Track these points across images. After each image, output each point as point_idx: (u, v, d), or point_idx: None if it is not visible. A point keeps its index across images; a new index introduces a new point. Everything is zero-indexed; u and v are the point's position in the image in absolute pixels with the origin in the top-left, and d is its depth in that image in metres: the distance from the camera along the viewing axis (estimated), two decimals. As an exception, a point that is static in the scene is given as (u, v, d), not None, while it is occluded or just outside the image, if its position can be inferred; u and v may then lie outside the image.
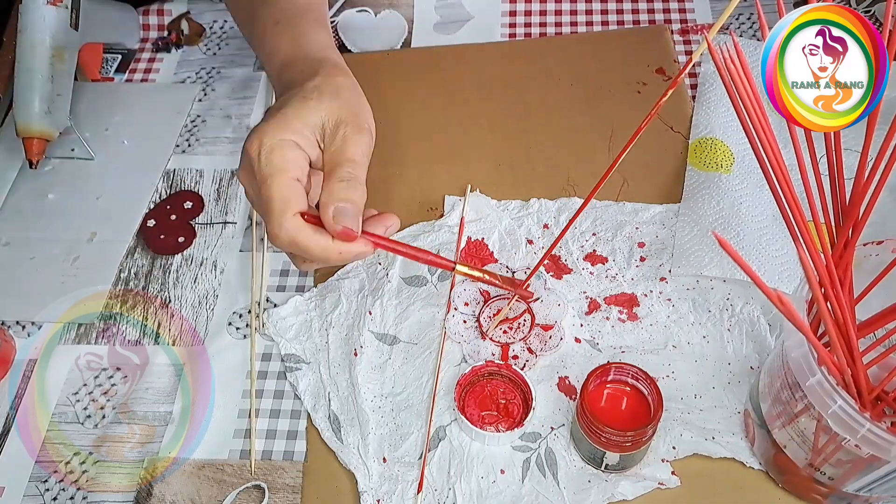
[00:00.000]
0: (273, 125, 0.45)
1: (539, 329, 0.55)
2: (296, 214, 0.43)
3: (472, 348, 0.55)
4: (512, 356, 0.55)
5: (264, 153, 0.44)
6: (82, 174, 0.70)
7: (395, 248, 0.47)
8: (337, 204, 0.43)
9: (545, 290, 0.57)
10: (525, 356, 0.54)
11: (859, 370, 0.39)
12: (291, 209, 0.43)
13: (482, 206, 0.63)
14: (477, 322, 0.56)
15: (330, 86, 0.48)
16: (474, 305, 0.57)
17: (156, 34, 0.81)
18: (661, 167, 0.64)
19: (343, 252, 0.44)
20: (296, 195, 0.43)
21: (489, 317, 0.56)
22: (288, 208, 0.43)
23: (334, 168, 0.45)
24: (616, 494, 0.48)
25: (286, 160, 0.44)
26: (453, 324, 0.56)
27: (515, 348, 0.55)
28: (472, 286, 0.58)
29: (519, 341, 0.55)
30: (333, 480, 0.51)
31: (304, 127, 0.45)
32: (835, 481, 0.44)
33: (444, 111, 0.71)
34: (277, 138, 0.44)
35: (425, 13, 0.79)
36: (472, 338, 0.56)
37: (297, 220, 0.43)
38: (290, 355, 0.57)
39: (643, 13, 0.77)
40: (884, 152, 0.39)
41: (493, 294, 0.57)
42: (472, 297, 0.58)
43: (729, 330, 0.55)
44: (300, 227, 0.43)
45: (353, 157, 0.45)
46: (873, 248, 0.44)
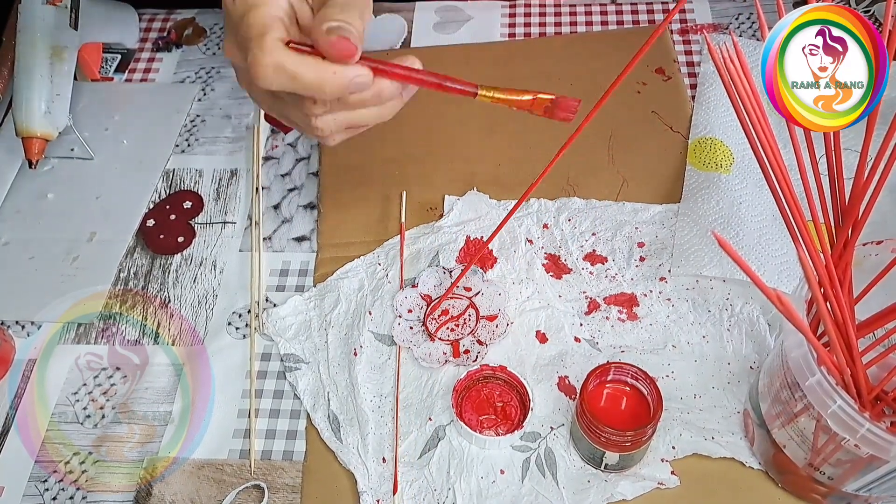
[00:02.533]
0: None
1: (485, 321, 0.56)
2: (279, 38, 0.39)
3: (423, 351, 0.55)
4: (463, 351, 0.55)
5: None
6: (82, 174, 0.70)
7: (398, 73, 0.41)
8: (330, 22, 0.38)
9: (483, 282, 0.57)
10: (476, 349, 0.55)
11: (859, 370, 0.39)
12: (274, 33, 0.38)
13: (481, 204, 0.63)
14: (423, 325, 0.56)
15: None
16: (418, 311, 0.57)
17: (156, 34, 0.81)
18: (661, 167, 0.64)
19: (338, 73, 0.39)
20: (277, 23, 0.39)
21: (434, 318, 0.57)
22: (269, 31, 0.38)
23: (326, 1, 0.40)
24: (615, 494, 0.48)
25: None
26: (399, 332, 0.56)
27: (465, 343, 0.55)
28: (413, 292, 0.58)
29: (468, 336, 0.55)
30: (333, 480, 0.51)
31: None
32: (834, 481, 0.44)
33: (444, 111, 0.71)
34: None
35: (425, 13, 0.79)
36: (422, 341, 0.56)
37: (279, 44, 0.38)
38: (289, 355, 0.57)
39: (643, 13, 0.77)
40: (883, 152, 0.39)
41: (434, 297, 0.58)
42: (414, 303, 0.58)
43: (728, 330, 0.55)
44: (284, 50, 0.38)
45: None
46: (873, 248, 0.44)
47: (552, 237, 0.60)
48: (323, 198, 0.66)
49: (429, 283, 0.58)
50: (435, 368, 0.54)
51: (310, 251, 0.63)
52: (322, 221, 0.64)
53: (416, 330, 0.56)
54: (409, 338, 0.56)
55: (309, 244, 0.64)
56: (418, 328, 0.57)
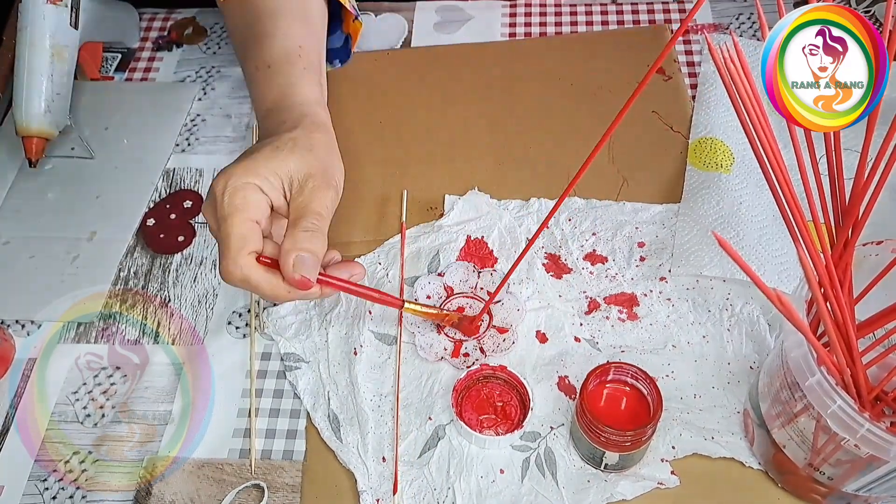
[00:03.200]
0: (241, 168, 0.47)
1: (494, 331, 0.56)
2: (251, 253, 0.46)
3: (426, 340, 0.55)
4: (463, 353, 0.55)
5: (228, 193, 0.46)
6: (82, 173, 0.70)
7: (346, 287, 0.49)
8: (299, 253, 0.45)
9: (507, 293, 0.57)
10: (476, 355, 0.55)
11: (859, 370, 0.39)
12: (247, 248, 0.46)
13: (482, 204, 0.63)
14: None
15: (306, 140, 0.50)
16: (436, 299, 0.57)
17: (156, 34, 0.81)
18: (661, 167, 0.64)
19: (291, 293, 0.47)
20: (252, 235, 0.46)
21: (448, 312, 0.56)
22: (244, 246, 0.45)
23: (300, 218, 0.47)
24: (615, 494, 0.48)
25: (247, 201, 0.46)
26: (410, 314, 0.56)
27: (468, 346, 0.55)
28: (437, 280, 0.58)
29: (472, 339, 0.55)
30: (333, 480, 0.51)
31: (270, 174, 0.47)
32: (834, 481, 0.44)
33: (444, 111, 0.71)
34: (242, 181, 0.47)
35: (425, 13, 0.79)
36: (427, 330, 0.56)
37: (250, 259, 0.46)
38: (289, 354, 0.57)
39: (643, 13, 0.77)
40: (884, 152, 0.39)
41: (457, 291, 0.58)
42: (435, 290, 0.58)
43: (728, 330, 0.55)
44: (253, 266, 0.46)
45: (319, 209, 0.47)
46: (873, 249, 0.44)
47: (552, 237, 0.60)
48: (323, 197, 0.66)
49: (456, 276, 0.58)
50: (429, 361, 0.54)
51: (310, 251, 0.63)
52: (322, 221, 0.64)
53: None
54: (418, 322, 0.56)
55: (309, 244, 0.63)
56: None
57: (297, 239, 0.46)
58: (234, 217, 0.46)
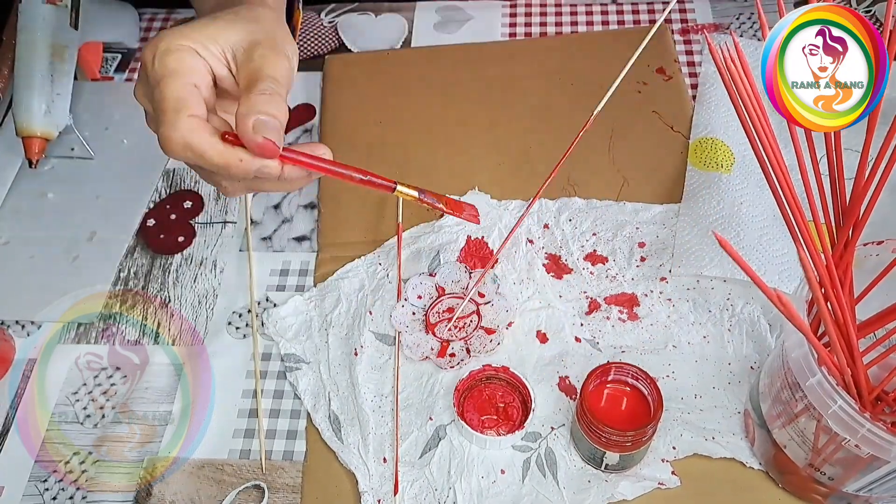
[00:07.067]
0: (172, 32, 0.41)
1: (482, 332, 0.56)
2: (192, 116, 0.39)
3: (414, 339, 0.55)
4: (449, 353, 0.55)
5: (159, 55, 0.40)
6: (82, 173, 0.70)
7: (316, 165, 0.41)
8: (258, 116, 0.39)
9: (496, 294, 0.57)
10: (461, 355, 0.55)
11: (859, 370, 0.39)
12: (186, 110, 0.39)
13: (482, 204, 0.63)
14: (425, 316, 0.56)
15: (248, 13, 0.44)
16: (427, 299, 0.57)
17: (156, 34, 0.81)
18: (662, 167, 0.64)
19: (244, 160, 0.40)
20: (193, 97, 0.40)
21: (438, 312, 0.57)
22: (183, 108, 0.39)
23: (254, 83, 0.40)
24: (616, 494, 0.48)
25: (183, 63, 0.40)
26: (400, 313, 0.56)
27: (455, 346, 0.55)
28: (429, 280, 0.58)
29: (459, 340, 0.55)
30: (333, 480, 0.51)
31: (206, 39, 0.41)
32: (835, 481, 0.44)
33: (445, 111, 0.71)
34: (176, 43, 0.40)
35: (426, 13, 0.79)
36: (416, 329, 0.56)
37: (191, 122, 0.39)
38: (289, 355, 0.57)
39: (643, 13, 0.77)
40: (884, 152, 0.39)
41: (448, 291, 0.58)
42: (426, 291, 0.58)
43: (729, 330, 0.55)
44: (195, 128, 0.39)
45: (273, 74, 0.41)
46: (873, 248, 0.44)
47: (553, 237, 0.60)
48: (323, 197, 0.66)
49: (448, 277, 0.58)
50: (413, 360, 0.55)
51: (310, 251, 0.63)
52: (322, 221, 0.64)
53: (416, 317, 0.57)
54: (407, 322, 0.56)
55: (309, 244, 0.64)
56: (420, 315, 0.57)
57: (253, 102, 0.39)
58: (169, 79, 0.39)
